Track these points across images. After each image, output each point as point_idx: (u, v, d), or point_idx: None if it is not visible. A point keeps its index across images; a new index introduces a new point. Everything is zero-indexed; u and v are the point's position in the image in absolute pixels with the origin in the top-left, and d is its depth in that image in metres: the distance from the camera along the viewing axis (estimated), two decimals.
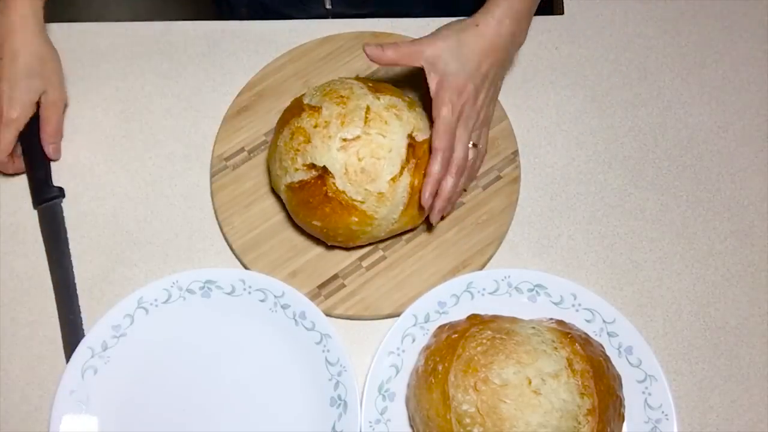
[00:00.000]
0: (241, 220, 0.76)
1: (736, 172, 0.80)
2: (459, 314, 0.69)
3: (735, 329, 0.73)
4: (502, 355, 0.62)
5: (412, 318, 0.70)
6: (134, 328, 0.70)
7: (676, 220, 0.78)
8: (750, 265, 0.76)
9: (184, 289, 0.72)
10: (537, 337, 0.63)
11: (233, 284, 0.72)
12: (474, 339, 0.63)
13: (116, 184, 0.80)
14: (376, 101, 0.70)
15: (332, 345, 0.69)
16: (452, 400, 0.61)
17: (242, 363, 0.70)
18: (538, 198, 0.79)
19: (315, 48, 0.85)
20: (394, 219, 0.70)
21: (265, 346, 0.70)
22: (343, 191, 0.68)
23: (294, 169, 0.69)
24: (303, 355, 0.69)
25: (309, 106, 0.70)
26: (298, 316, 0.70)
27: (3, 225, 0.78)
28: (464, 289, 0.71)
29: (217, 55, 0.86)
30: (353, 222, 0.69)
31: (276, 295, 0.71)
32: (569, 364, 0.62)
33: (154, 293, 0.71)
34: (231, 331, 0.71)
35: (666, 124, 0.83)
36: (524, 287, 0.71)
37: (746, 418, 0.69)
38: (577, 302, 0.70)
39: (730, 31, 0.88)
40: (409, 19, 0.87)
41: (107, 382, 0.69)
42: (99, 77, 0.85)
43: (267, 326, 0.71)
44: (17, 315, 0.74)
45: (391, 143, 0.68)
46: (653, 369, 0.68)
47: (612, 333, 0.69)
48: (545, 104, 0.83)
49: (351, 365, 0.68)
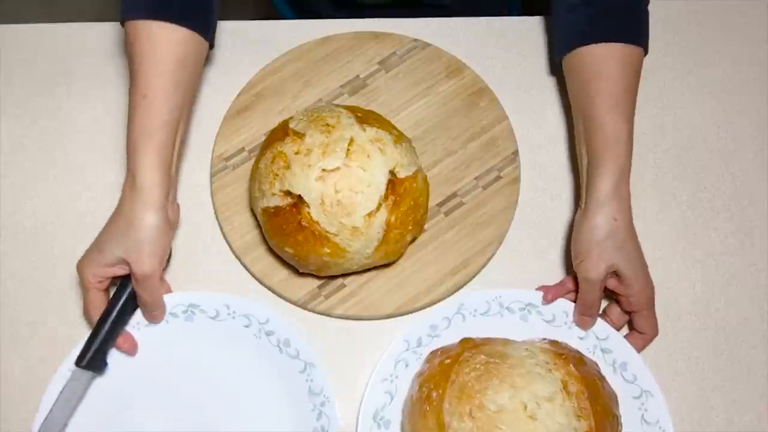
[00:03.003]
0: (241, 220, 0.76)
1: (736, 172, 0.80)
2: (451, 337, 0.68)
3: (735, 329, 0.73)
4: (496, 379, 0.61)
5: (404, 343, 0.69)
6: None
7: (676, 220, 0.78)
8: (750, 265, 0.76)
9: (167, 313, 0.71)
10: (531, 359, 0.63)
11: (217, 309, 0.71)
12: (467, 364, 0.63)
13: (116, 184, 0.80)
14: (361, 133, 0.69)
15: (316, 374, 0.68)
16: (448, 427, 0.60)
17: (224, 389, 0.69)
18: (538, 198, 0.79)
19: (315, 48, 0.85)
20: (368, 254, 0.69)
21: (248, 373, 0.69)
22: (317, 221, 0.67)
23: (271, 193, 0.68)
24: (286, 383, 0.69)
25: (293, 132, 0.69)
26: (282, 344, 0.69)
27: (3, 225, 0.78)
28: (456, 311, 0.70)
29: (217, 55, 0.86)
30: (325, 253, 0.68)
31: (260, 322, 0.70)
32: (564, 386, 0.61)
33: (137, 316, 0.70)
34: (214, 357, 0.70)
35: (666, 124, 0.82)
36: (516, 307, 0.71)
37: (746, 418, 0.69)
38: (570, 320, 0.70)
39: (730, 31, 0.88)
40: (410, 20, 0.87)
41: (87, 406, 0.68)
42: (99, 77, 0.85)
43: (250, 352, 0.70)
44: (17, 315, 0.74)
45: (371, 178, 0.67)
46: (649, 384, 0.67)
47: (606, 350, 0.69)
48: (545, 104, 0.83)
49: (334, 396, 0.67)
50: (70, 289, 0.75)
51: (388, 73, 0.83)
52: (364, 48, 0.85)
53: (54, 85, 0.85)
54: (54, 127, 0.83)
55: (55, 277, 0.75)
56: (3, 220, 0.78)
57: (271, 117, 0.80)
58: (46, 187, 0.80)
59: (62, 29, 0.88)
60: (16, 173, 0.80)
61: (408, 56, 0.84)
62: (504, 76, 0.84)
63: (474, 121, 0.80)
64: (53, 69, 0.86)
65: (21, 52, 0.87)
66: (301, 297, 0.73)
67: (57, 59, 0.86)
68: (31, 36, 0.88)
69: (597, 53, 0.72)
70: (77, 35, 0.88)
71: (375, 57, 0.84)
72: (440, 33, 0.86)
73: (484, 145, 0.79)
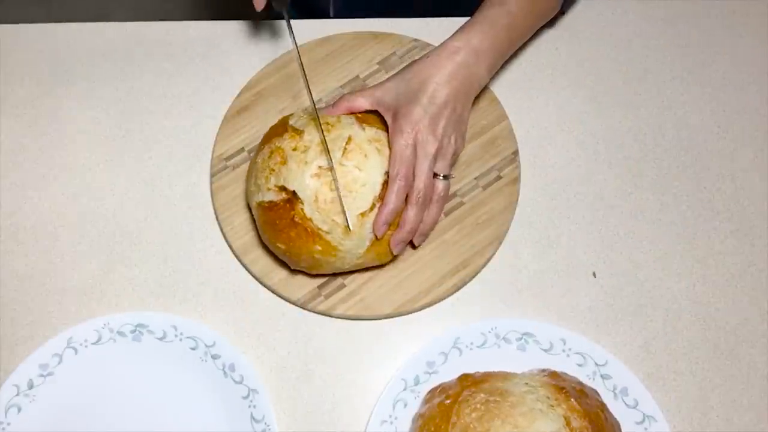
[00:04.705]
0: (241, 220, 0.76)
1: (736, 172, 0.80)
2: (449, 372, 0.67)
3: (735, 329, 0.73)
4: (498, 420, 0.60)
5: (401, 382, 0.68)
6: (62, 368, 0.69)
7: (676, 220, 0.78)
8: (750, 265, 0.76)
9: (114, 331, 0.71)
10: (531, 395, 0.62)
11: (165, 330, 0.71)
12: (467, 404, 0.62)
13: (116, 184, 0.80)
14: (360, 132, 0.69)
15: (259, 401, 0.67)
16: None
17: (167, 410, 0.69)
18: (538, 198, 0.79)
19: (315, 48, 0.85)
20: (359, 254, 0.69)
21: (192, 396, 0.69)
22: (310, 218, 0.67)
23: (266, 188, 0.69)
24: (229, 408, 0.68)
25: (293, 128, 0.70)
26: (227, 368, 0.69)
27: (3, 225, 0.78)
28: (452, 346, 0.70)
29: (217, 55, 0.86)
30: (316, 250, 0.68)
31: (207, 345, 0.70)
32: (567, 423, 0.60)
33: (84, 333, 0.70)
34: (159, 378, 0.70)
35: (666, 124, 0.83)
36: (512, 337, 0.70)
37: (746, 418, 0.69)
38: (567, 347, 0.70)
39: (730, 31, 0.88)
40: (410, 20, 0.87)
41: (30, 421, 0.68)
42: (99, 77, 0.85)
43: (196, 375, 0.69)
44: (17, 315, 0.74)
45: (367, 177, 0.67)
46: (651, 409, 0.67)
47: (605, 375, 0.69)
48: (545, 104, 0.83)
49: (275, 424, 0.67)
50: (70, 289, 0.75)
51: (388, 73, 0.83)
52: (364, 48, 0.85)
53: (54, 85, 0.85)
54: (54, 127, 0.83)
55: (55, 277, 0.75)
56: (3, 220, 0.78)
57: (271, 117, 0.80)
58: (46, 187, 0.80)
59: (62, 29, 0.88)
60: (16, 173, 0.80)
61: (408, 56, 0.84)
62: (504, 76, 0.84)
63: (474, 121, 0.80)
64: (53, 69, 0.86)
65: (21, 52, 0.87)
66: (301, 297, 0.73)
67: (57, 59, 0.86)
68: (31, 36, 0.88)
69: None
70: (77, 35, 0.88)
71: (375, 57, 0.84)
72: (440, 33, 0.86)
73: (484, 145, 0.79)
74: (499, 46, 0.73)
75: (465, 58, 0.71)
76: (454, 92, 0.70)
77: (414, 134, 0.68)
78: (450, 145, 0.70)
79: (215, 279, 0.75)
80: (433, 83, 0.69)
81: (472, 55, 0.71)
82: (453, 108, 0.70)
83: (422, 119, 0.68)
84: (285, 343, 0.72)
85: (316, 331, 0.73)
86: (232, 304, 0.74)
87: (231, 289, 0.74)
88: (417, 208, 0.69)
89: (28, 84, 0.85)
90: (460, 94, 0.70)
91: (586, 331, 0.72)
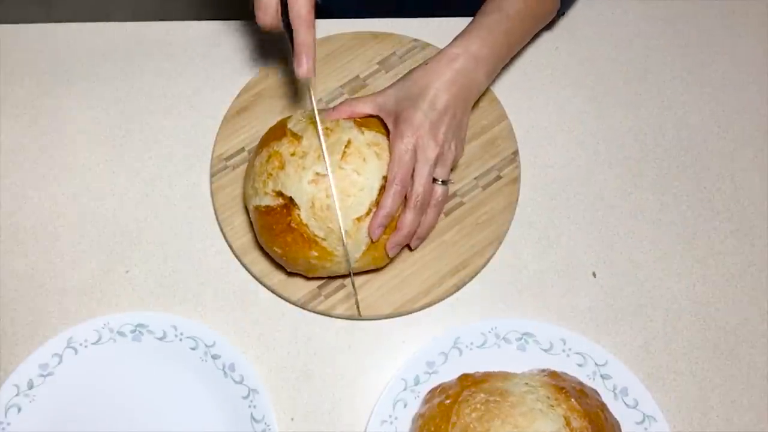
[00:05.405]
0: (241, 220, 0.76)
1: (736, 172, 0.80)
2: (449, 372, 0.67)
3: (735, 329, 0.73)
4: (498, 420, 0.60)
5: (401, 382, 0.68)
6: (62, 368, 0.69)
7: (676, 220, 0.78)
8: (750, 265, 0.76)
9: (114, 331, 0.71)
10: (531, 395, 0.62)
11: (165, 330, 0.71)
12: (467, 404, 0.62)
13: (116, 184, 0.80)
14: (359, 135, 0.69)
15: (259, 401, 0.67)
16: None
17: (167, 410, 0.69)
18: (538, 198, 0.79)
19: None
20: (355, 258, 0.69)
21: (193, 396, 0.69)
22: (306, 224, 0.67)
23: (264, 192, 0.69)
24: (229, 408, 0.68)
25: (291, 132, 0.70)
26: (227, 368, 0.69)
27: (3, 225, 0.78)
28: (452, 346, 0.70)
29: (217, 55, 0.86)
30: (312, 256, 0.68)
31: (207, 345, 0.70)
32: (567, 423, 0.60)
33: (84, 333, 0.70)
34: (159, 378, 0.70)
35: (666, 124, 0.83)
36: (512, 337, 0.70)
37: (746, 418, 0.69)
38: (567, 347, 0.70)
39: (730, 31, 0.88)
40: (410, 20, 0.87)
41: (30, 421, 0.68)
42: (99, 77, 0.85)
43: (196, 375, 0.69)
44: (17, 315, 0.74)
45: (365, 182, 0.67)
46: (651, 409, 0.67)
47: (605, 375, 0.69)
48: (545, 104, 0.83)
49: (275, 424, 0.67)
50: (70, 289, 0.75)
51: (388, 73, 0.83)
52: (364, 48, 0.85)
53: (54, 85, 0.85)
54: (54, 127, 0.83)
55: (55, 277, 0.75)
56: (3, 220, 0.78)
57: (271, 117, 0.80)
58: (46, 187, 0.80)
59: (62, 29, 0.88)
60: (16, 173, 0.80)
61: (408, 56, 0.84)
62: (504, 76, 0.84)
63: (474, 121, 0.80)
64: (53, 69, 0.86)
65: (21, 52, 0.87)
66: (301, 297, 0.73)
67: (57, 59, 0.86)
68: (31, 36, 0.88)
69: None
70: (77, 35, 0.88)
71: (375, 57, 0.84)
72: (440, 33, 0.86)
73: (484, 145, 0.79)
74: (497, 52, 0.74)
75: (464, 64, 0.71)
76: (454, 98, 0.70)
77: (415, 139, 0.68)
78: (450, 151, 0.71)
79: (215, 279, 0.75)
80: (433, 89, 0.69)
81: (471, 62, 0.71)
82: (453, 114, 0.70)
83: (423, 124, 0.68)
84: (285, 343, 0.72)
85: (316, 331, 0.73)
86: (232, 304, 0.74)
87: (231, 289, 0.74)
88: (415, 212, 0.69)
89: (28, 84, 0.85)
90: (459, 100, 0.71)
91: (586, 331, 0.72)
